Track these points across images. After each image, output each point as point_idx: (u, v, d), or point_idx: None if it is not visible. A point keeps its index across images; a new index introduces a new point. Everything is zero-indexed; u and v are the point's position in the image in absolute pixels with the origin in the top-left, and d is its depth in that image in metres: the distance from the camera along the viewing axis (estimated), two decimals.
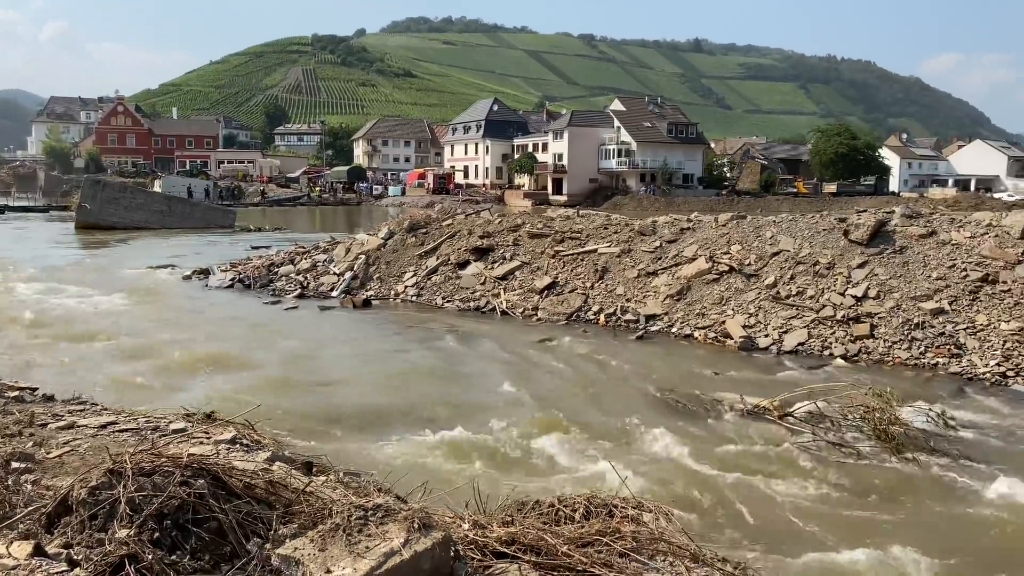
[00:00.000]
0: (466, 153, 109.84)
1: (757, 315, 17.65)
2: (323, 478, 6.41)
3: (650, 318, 18.78)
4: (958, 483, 9.60)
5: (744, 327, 17.32)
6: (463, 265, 22.99)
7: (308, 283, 23.93)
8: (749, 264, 19.14)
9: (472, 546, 4.36)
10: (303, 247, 27.94)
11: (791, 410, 11.87)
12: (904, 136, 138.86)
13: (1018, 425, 11.95)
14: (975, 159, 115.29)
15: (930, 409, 11.84)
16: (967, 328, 15.42)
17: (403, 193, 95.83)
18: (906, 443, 10.63)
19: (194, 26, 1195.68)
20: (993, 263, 16.61)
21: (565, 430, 11.00)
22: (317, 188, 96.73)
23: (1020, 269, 16.23)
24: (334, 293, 23.01)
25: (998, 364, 14.36)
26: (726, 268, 19.25)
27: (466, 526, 4.55)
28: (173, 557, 3.83)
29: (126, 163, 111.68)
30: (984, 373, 14.29)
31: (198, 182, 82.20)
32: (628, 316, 19.09)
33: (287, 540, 3.95)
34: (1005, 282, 16.07)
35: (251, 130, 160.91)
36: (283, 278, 24.64)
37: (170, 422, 8.67)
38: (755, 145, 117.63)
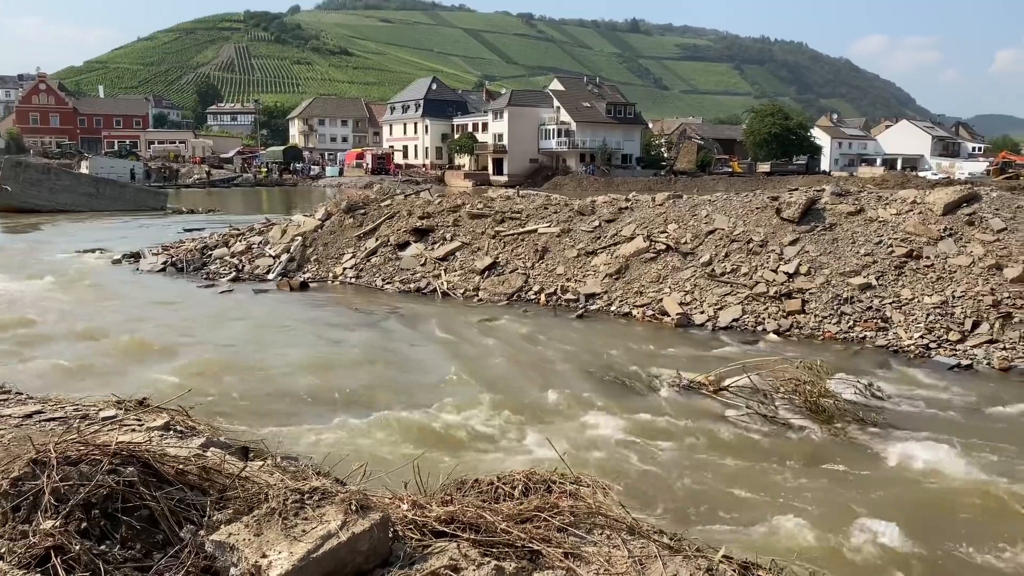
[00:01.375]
0: (405, 133, 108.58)
1: (693, 292, 17.98)
2: (260, 463, 6.31)
3: (590, 297, 18.96)
4: (884, 451, 9.99)
5: (681, 304, 17.63)
6: (403, 246, 22.81)
7: (243, 266, 23.44)
8: (685, 243, 19.45)
9: (411, 526, 4.36)
10: (238, 229, 27.34)
11: (726, 384, 12.16)
12: (835, 116, 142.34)
13: (940, 394, 12.47)
14: (901, 139, 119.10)
15: (858, 381, 12.29)
16: (893, 302, 15.99)
17: (341, 174, 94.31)
18: (836, 414, 11.01)
19: (119, 0, 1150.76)
20: (917, 239, 17.22)
21: (506, 409, 11.06)
22: (264, 170, 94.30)
23: (942, 245, 16.87)
24: (270, 276, 22.60)
25: (921, 336, 14.95)
26: (663, 247, 19.53)
27: (405, 506, 4.54)
28: (102, 547, 3.73)
29: (50, 144, 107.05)
30: (909, 345, 14.86)
31: (126, 163, 79.36)
32: (568, 295, 19.23)
33: (222, 526, 3.89)
34: (928, 257, 16.69)
35: (182, 109, 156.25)
36: (217, 261, 24.09)
37: (100, 410, 8.41)
38: (692, 126, 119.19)
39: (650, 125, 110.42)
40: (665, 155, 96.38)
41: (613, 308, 18.38)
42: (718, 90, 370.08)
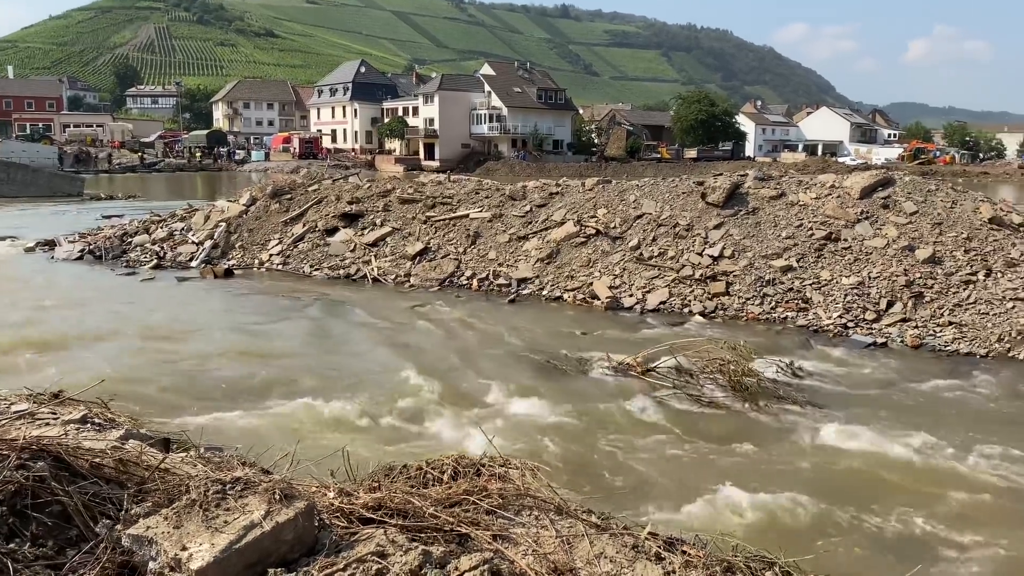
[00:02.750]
0: (333, 117, 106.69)
1: (622, 276, 18.23)
2: (182, 455, 6.15)
3: (522, 281, 19.04)
4: (804, 428, 10.33)
5: (610, 288, 17.86)
6: (331, 232, 22.46)
7: (165, 253, 22.73)
8: (615, 227, 19.68)
9: (338, 514, 4.31)
10: (159, 215, 26.46)
11: (653, 365, 12.39)
12: (759, 103, 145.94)
13: (857, 372, 12.97)
14: (822, 125, 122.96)
15: (780, 360, 12.67)
16: (813, 283, 16.52)
17: (267, 158, 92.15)
18: (759, 393, 11.33)
19: None
20: (835, 222, 17.81)
21: (438, 394, 11.05)
22: (199, 153, 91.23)
23: (859, 227, 17.49)
24: (193, 263, 21.98)
25: (840, 316, 15.50)
26: (593, 231, 19.72)
27: (332, 494, 4.50)
28: (11, 545, 3.58)
29: None
30: (828, 325, 15.39)
31: (51, 148, 75.74)
32: (500, 280, 19.27)
33: (139, 519, 3.77)
34: (846, 240, 17.28)
35: (100, 92, 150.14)
36: (137, 248, 23.29)
37: (11, 404, 8.06)
38: (621, 112, 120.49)
39: (580, 111, 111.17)
40: (595, 141, 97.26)
41: (545, 292, 18.50)
42: (646, 77, 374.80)
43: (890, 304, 15.43)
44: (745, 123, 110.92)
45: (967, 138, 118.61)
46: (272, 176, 38.65)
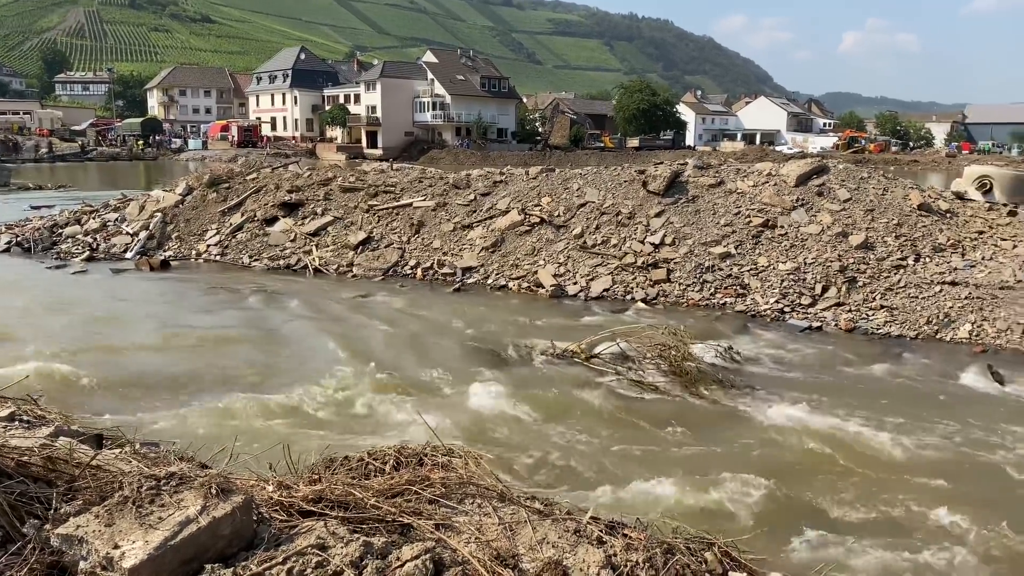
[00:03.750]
0: (273, 104, 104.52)
1: (566, 264, 18.34)
2: (116, 451, 5.99)
3: (467, 270, 19.00)
4: (742, 411, 10.57)
5: (555, 276, 17.96)
6: (271, 221, 22.06)
7: (98, 244, 22.03)
8: (558, 215, 19.77)
9: (278, 507, 4.26)
10: (91, 206, 25.61)
11: (597, 352, 12.51)
12: (699, 93, 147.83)
13: (793, 355, 13.30)
14: (760, 115, 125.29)
15: (719, 345, 12.92)
16: (750, 270, 16.87)
17: (205, 146, 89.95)
18: (699, 377, 11.54)
19: None
20: (772, 209, 18.20)
21: (381, 385, 10.97)
22: (140, 143, 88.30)
23: (795, 214, 17.91)
24: (128, 254, 21.36)
25: (776, 301, 15.87)
26: (537, 220, 19.78)
27: (271, 488, 4.43)
28: None
29: None
30: (765, 310, 15.75)
31: None
32: (445, 269, 19.20)
33: (69, 518, 3.66)
34: (782, 227, 17.68)
35: (26, 78, 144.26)
36: (69, 240, 22.53)
37: None
38: (564, 101, 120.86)
39: (524, 99, 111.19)
40: (539, 129, 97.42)
41: (490, 281, 18.50)
42: (589, 66, 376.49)
43: (825, 289, 15.86)
44: (686, 112, 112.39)
45: (898, 127, 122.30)
46: (210, 165, 37.78)
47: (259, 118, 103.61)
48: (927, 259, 16.14)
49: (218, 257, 21.21)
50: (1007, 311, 14.12)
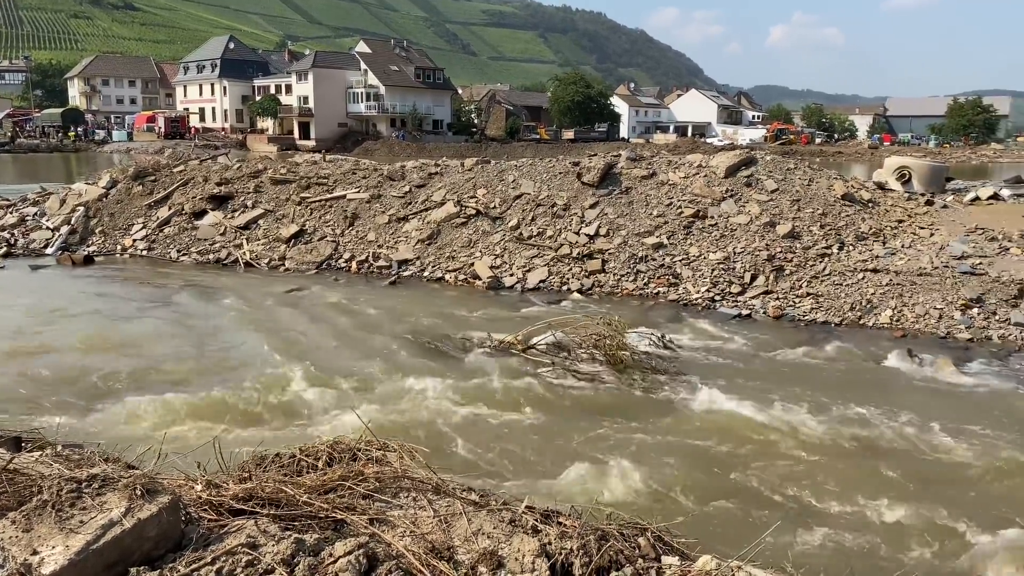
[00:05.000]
0: (201, 95, 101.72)
1: (503, 256, 18.38)
2: (36, 454, 5.77)
3: (402, 263, 18.87)
4: (676, 398, 10.78)
5: (491, 268, 17.98)
6: (199, 215, 21.51)
7: (16, 240, 21.16)
8: (494, 207, 19.79)
9: (206, 507, 4.17)
10: (7, 200, 24.56)
11: (533, 343, 12.58)
12: (632, 85, 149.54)
13: (724, 343, 13.62)
14: (691, 107, 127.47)
15: (653, 334, 13.13)
16: (682, 259, 17.19)
17: (130, 138, 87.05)
18: (633, 366, 11.73)
19: None
20: (703, 200, 18.57)
21: (315, 380, 10.82)
22: (72, 134, 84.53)
23: (724, 205, 18.30)
24: (49, 250, 20.57)
25: (707, 290, 16.22)
26: (473, 212, 19.76)
27: (199, 487, 4.33)
28: None
29: None
30: (697, 299, 16.08)
31: None
32: (380, 262, 19.03)
33: None
34: (712, 217, 18.06)
35: None
36: None
37: None
38: (500, 92, 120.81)
39: (459, 91, 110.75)
40: (475, 121, 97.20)
41: (426, 274, 18.42)
42: (524, 58, 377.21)
43: (753, 277, 16.27)
44: (620, 105, 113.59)
45: (823, 120, 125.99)
46: (135, 157, 36.63)
47: (187, 109, 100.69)
48: (850, 247, 16.70)
49: (145, 252, 20.60)
50: (925, 297, 14.71)
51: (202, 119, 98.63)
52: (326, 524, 4.15)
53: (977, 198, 19.26)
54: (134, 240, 21.00)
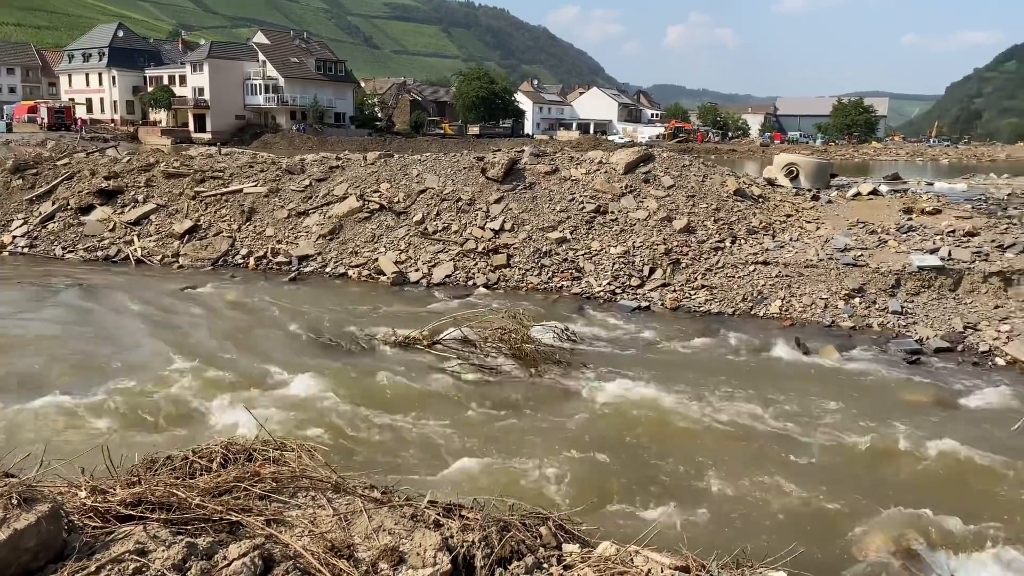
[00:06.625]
0: (88, 85, 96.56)
1: (408, 251, 18.25)
2: None
3: (303, 259, 18.48)
4: (578, 389, 10.98)
5: (396, 263, 17.82)
6: (87, 210, 20.47)
7: None
8: (399, 202, 19.61)
9: (92, 514, 3.99)
10: None
11: (439, 338, 12.56)
12: (536, 82, 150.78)
13: (624, 334, 13.94)
14: (593, 105, 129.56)
15: (556, 327, 13.34)
16: (585, 254, 17.49)
17: (9, 129, 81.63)
18: (538, 358, 11.87)
19: None
20: (604, 196, 18.92)
21: (209, 381, 10.49)
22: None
23: (624, 200, 18.71)
24: None
25: (609, 283, 16.56)
26: (377, 206, 19.53)
27: (83, 493, 4.14)
28: None
29: None
30: (599, 292, 16.40)
31: None
32: (280, 258, 18.58)
33: None
34: (613, 212, 18.43)
35: None
36: None
37: None
38: (407, 85, 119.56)
39: (362, 84, 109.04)
40: (379, 114, 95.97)
41: (328, 269, 18.10)
42: (428, 52, 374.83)
43: (652, 271, 16.71)
44: (524, 101, 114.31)
45: (718, 118, 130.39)
46: (15, 149, 34.48)
47: (72, 99, 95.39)
48: (742, 241, 17.37)
49: (26, 249, 19.47)
50: (811, 287, 15.46)
51: (89, 110, 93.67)
52: (221, 527, 4.05)
53: (859, 194, 20.32)
54: (14, 237, 19.81)
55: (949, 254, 15.56)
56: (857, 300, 14.96)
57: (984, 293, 14.73)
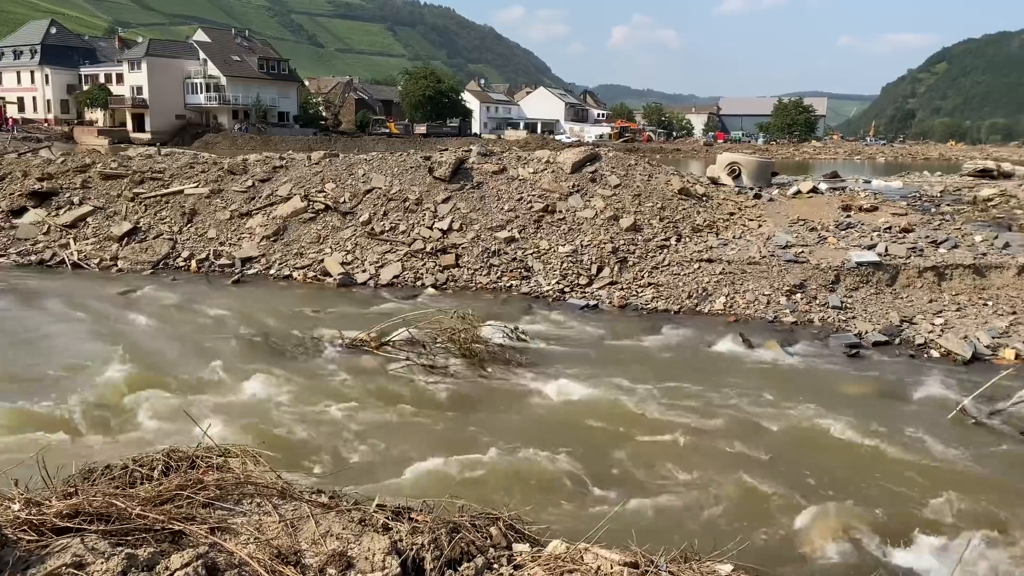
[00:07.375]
0: (19, 83, 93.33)
1: (354, 252, 18.07)
2: None
3: (247, 261, 18.16)
4: (528, 388, 11.01)
5: (342, 264, 17.63)
6: (19, 212, 19.79)
7: None
8: (344, 202, 19.41)
9: (26, 527, 3.85)
10: None
11: (387, 340, 12.46)
12: (483, 82, 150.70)
13: (573, 332, 14.03)
14: (540, 105, 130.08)
15: (505, 326, 13.35)
16: (533, 253, 17.55)
17: None
18: (487, 358, 11.86)
19: None
20: (551, 195, 19.01)
21: (151, 386, 10.22)
22: None
23: (572, 200, 18.82)
24: None
25: (557, 282, 16.65)
26: (322, 206, 19.29)
27: (17, 506, 4.00)
28: None
29: None
30: (548, 291, 16.47)
31: None
32: (223, 260, 18.23)
33: None
34: (561, 211, 18.53)
35: None
36: None
37: None
38: (353, 84, 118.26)
39: (306, 83, 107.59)
40: (323, 113, 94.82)
41: (273, 271, 17.81)
42: (373, 50, 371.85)
43: (599, 269, 16.85)
44: (471, 101, 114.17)
45: (663, 118, 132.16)
46: None
47: (3, 98, 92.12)
48: (687, 239, 17.63)
49: None
50: (754, 284, 15.76)
51: (21, 109, 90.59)
52: (163, 536, 3.95)
53: (799, 192, 20.80)
54: None
55: (886, 250, 16.04)
56: (798, 296, 15.32)
57: (919, 288, 15.22)
